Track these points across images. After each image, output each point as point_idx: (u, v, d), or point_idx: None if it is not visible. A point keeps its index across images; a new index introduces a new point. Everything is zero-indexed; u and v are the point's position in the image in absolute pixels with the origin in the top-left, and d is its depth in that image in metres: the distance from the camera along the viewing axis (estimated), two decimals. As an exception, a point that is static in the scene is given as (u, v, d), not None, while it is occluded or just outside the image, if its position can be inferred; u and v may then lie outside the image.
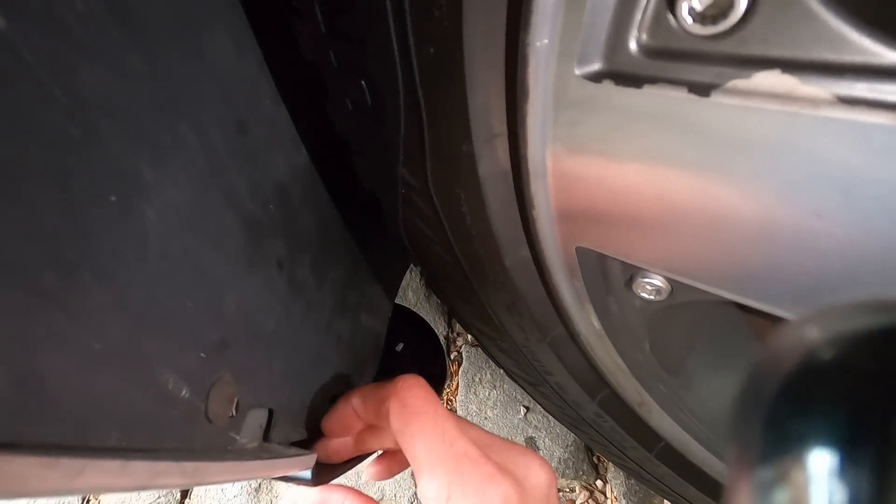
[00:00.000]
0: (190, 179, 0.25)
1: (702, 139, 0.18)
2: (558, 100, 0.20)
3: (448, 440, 0.26)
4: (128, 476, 0.16)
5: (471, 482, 0.25)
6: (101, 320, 0.19)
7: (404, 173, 0.28)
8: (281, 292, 0.34)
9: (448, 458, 0.25)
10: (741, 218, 0.21)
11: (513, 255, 0.31)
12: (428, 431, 0.26)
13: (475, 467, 0.25)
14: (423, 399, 0.28)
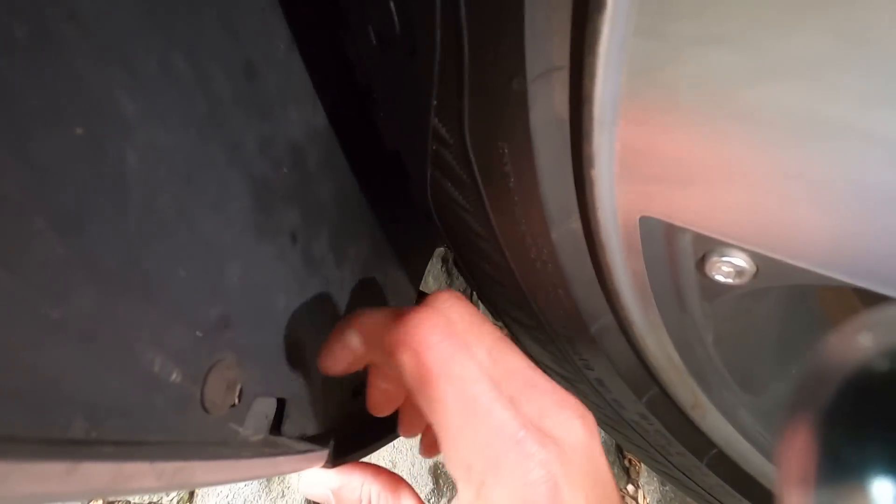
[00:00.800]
0: (184, 123, 0.21)
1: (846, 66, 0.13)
2: (648, 13, 0.15)
3: (478, 411, 0.21)
4: (78, 481, 0.13)
5: (508, 463, 0.20)
6: (61, 282, 0.15)
7: (437, 124, 0.23)
8: (294, 267, 0.31)
9: (479, 433, 0.21)
10: (881, 176, 0.16)
11: (561, 226, 0.26)
12: (450, 401, 0.21)
13: (515, 445, 0.21)
14: (444, 352, 0.22)
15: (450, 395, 0.21)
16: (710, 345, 0.31)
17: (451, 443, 0.21)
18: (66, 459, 0.13)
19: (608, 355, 0.35)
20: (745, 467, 0.41)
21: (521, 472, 0.20)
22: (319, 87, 0.29)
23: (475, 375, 0.22)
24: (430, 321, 0.23)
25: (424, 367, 0.22)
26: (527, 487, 0.20)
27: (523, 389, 0.23)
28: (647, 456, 0.50)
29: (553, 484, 0.20)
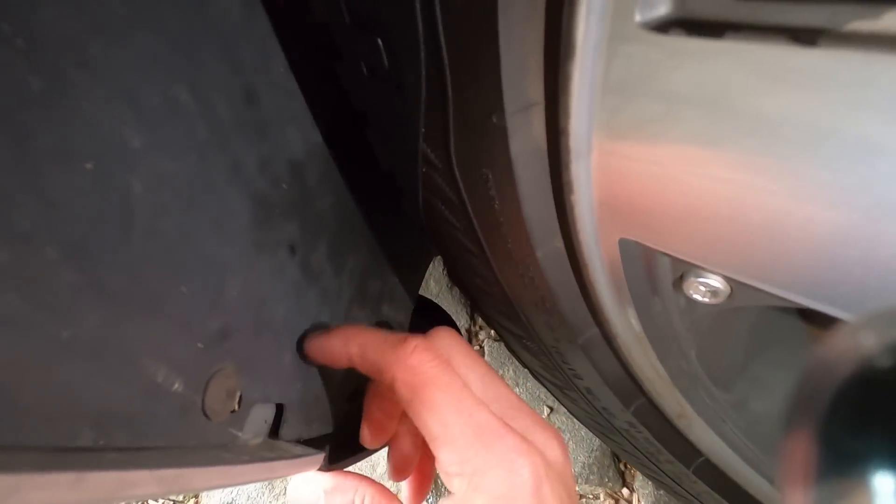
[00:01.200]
0: (186, 149, 0.22)
1: (801, 104, 0.14)
2: (612, 57, 0.16)
3: (466, 410, 0.24)
4: (84, 490, 0.14)
5: (496, 453, 0.23)
6: (69, 304, 0.16)
7: (425, 149, 0.24)
8: (293, 278, 0.32)
9: (468, 428, 0.23)
10: (849, 211, 0.17)
11: (545, 246, 0.27)
12: (441, 402, 0.24)
13: (499, 438, 0.23)
14: (435, 367, 0.25)
15: (440, 397, 0.24)
16: (693, 357, 0.32)
17: (444, 442, 0.24)
18: (73, 469, 0.14)
19: (595, 366, 0.36)
20: (731, 475, 0.42)
21: (508, 460, 0.23)
22: (317, 109, 0.31)
23: (462, 387, 0.25)
24: (423, 346, 0.26)
25: (418, 378, 0.24)
26: (513, 474, 0.22)
27: (509, 411, 0.26)
28: (639, 462, 0.51)
29: (537, 475, 0.23)
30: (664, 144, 0.18)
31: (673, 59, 0.15)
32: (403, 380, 0.25)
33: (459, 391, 0.24)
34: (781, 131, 0.15)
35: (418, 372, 0.25)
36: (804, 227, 0.19)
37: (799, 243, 0.18)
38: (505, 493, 0.22)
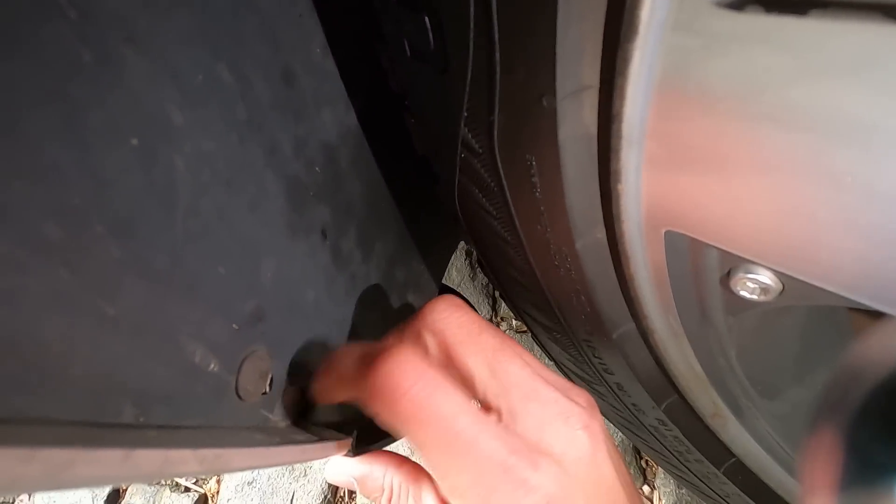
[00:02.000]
0: (227, 130, 0.22)
1: (893, 90, 0.13)
2: (678, 37, 0.15)
3: (463, 447, 0.20)
4: (132, 467, 0.14)
5: (501, 494, 0.20)
6: (116, 281, 0.16)
7: (466, 134, 0.24)
8: (324, 263, 0.32)
9: (468, 467, 0.20)
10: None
11: (586, 236, 0.26)
12: (432, 442, 0.21)
13: (504, 474, 0.20)
14: (416, 393, 0.21)
15: (431, 437, 0.21)
16: (732, 357, 0.31)
17: (443, 482, 0.22)
18: (122, 447, 0.14)
19: (628, 362, 0.35)
20: (763, 478, 0.41)
21: (514, 500, 0.20)
22: (353, 90, 0.30)
23: (456, 409, 0.21)
24: (399, 366, 0.22)
25: (400, 417, 0.21)
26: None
27: (523, 402, 0.22)
28: (664, 460, 0.50)
29: (546, 497, 0.20)
30: (728, 130, 0.17)
31: (748, 38, 0.14)
32: (383, 418, 0.22)
33: (453, 422, 0.20)
34: (866, 120, 0.14)
35: (399, 411, 0.21)
36: (882, 225, 0.17)
37: (872, 241, 0.17)
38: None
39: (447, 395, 0.21)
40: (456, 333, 0.24)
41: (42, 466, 0.11)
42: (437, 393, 0.21)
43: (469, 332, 0.24)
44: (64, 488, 0.12)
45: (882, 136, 0.15)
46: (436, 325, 0.24)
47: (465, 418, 0.21)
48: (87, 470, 0.12)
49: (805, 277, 0.21)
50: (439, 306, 0.25)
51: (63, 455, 0.12)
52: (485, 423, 0.21)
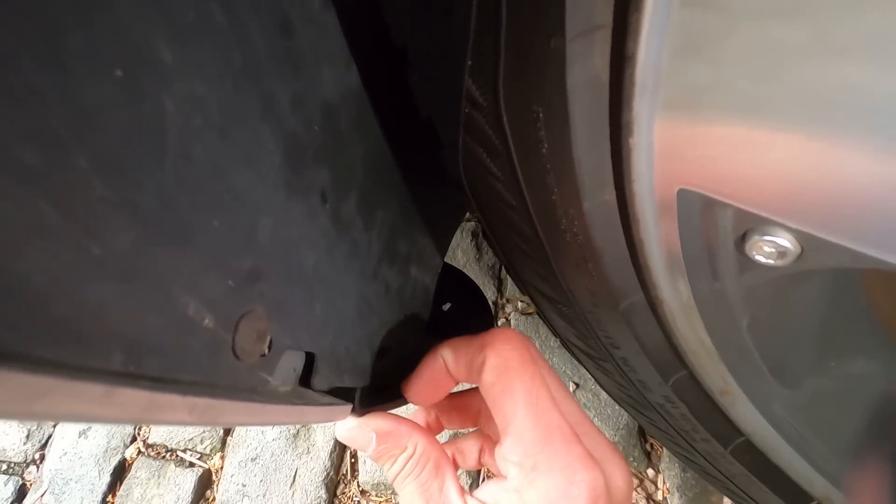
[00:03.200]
0: (221, 75, 0.21)
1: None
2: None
3: (542, 408, 0.24)
4: (113, 405, 0.13)
5: (560, 457, 0.23)
6: (101, 220, 0.16)
7: (470, 86, 0.23)
8: (323, 227, 0.31)
9: (539, 426, 0.23)
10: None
11: (594, 198, 0.25)
12: (522, 392, 0.24)
13: (566, 444, 0.23)
14: (523, 359, 0.26)
15: (520, 389, 0.24)
16: (744, 329, 0.30)
17: (513, 431, 0.24)
18: (104, 383, 0.13)
19: (636, 335, 0.34)
20: (772, 458, 0.40)
21: (570, 470, 0.22)
22: (354, 48, 0.29)
23: (543, 385, 0.25)
24: (514, 336, 0.27)
25: (506, 363, 0.25)
26: (571, 485, 0.22)
27: (580, 426, 0.26)
28: (669, 440, 0.49)
29: (594, 493, 0.22)
30: (751, 73, 0.16)
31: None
32: (492, 364, 0.25)
33: (540, 388, 0.24)
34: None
35: (509, 359, 0.25)
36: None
37: None
38: (557, 499, 0.22)
39: (538, 372, 0.26)
40: (538, 359, 0.28)
41: (12, 393, 0.10)
42: (533, 366, 0.26)
43: (545, 363, 0.28)
44: (38, 419, 0.11)
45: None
46: (502, 351, 0.28)
47: (548, 394, 0.25)
48: (64, 403, 0.12)
49: (829, 235, 0.20)
50: (514, 333, 0.29)
51: (37, 383, 0.11)
52: (562, 406, 0.25)
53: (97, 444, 0.93)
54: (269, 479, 0.83)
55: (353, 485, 0.82)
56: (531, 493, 0.22)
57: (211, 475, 0.87)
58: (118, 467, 0.91)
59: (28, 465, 0.96)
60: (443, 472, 0.26)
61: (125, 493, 0.88)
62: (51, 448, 0.96)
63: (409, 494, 0.26)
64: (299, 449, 0.85)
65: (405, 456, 0.27)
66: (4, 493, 0.93)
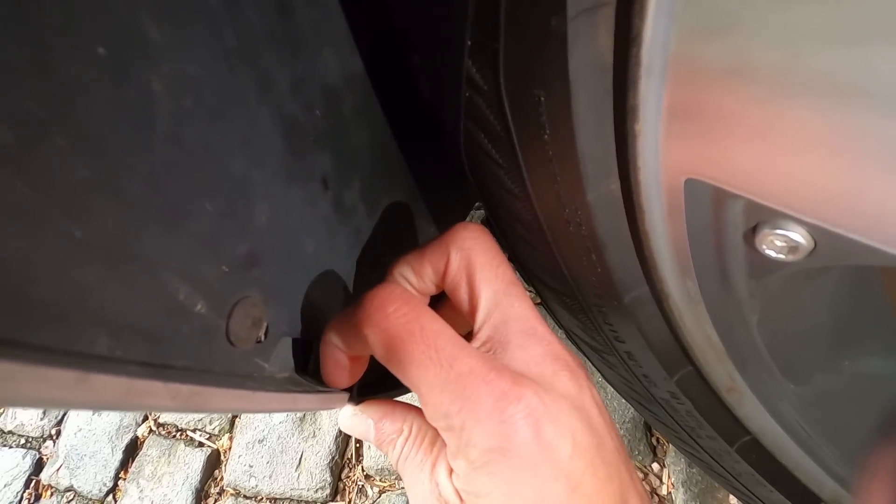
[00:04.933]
0: (214, 56, 0.21)
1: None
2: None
3: (445, 361, 0.21)
4: (87, 391, 0.13)
5: (483, 404, 0.20)
6: (84, 202, 0.15)
7: (470, 68, 0.22)
8: (324, 213, 0.30)
9: (450, 382, 0.21)
10: None
11: (598, 187, 0.24)
12: (417, 357, 0.21)
13: (485, 385, 0.21)
14: (403, 314, 0.22)
15: (416, 352, 0.22)
16: (753, 326, 0.29)
17: (427, 397, 0.22)
18: (76, 368, 0.13)
19: (641, 329, 0.33)
20: (779, 458, 0.39)
21: (497, 409, 0.20)
22: (357, 31, 0.28)
23: (438, 328, 0.22)
24: (384, 292, 0.23)
25: (387, 335, 0.22)
26: (504, 424, 0.20)
27: (520, 336, 0.23)
28: (674, 436, 0.49)
29: (533, 420, 0.20)
30: (766, 55, 0.15)
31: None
32: (374, 340, 0.23)
33: (435, 339, 0.22)
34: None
35: (385, 328, 0.22)
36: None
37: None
38: (498, 445, 0.20)
39: (431, 316, 0.23)
40: (480, 256, 0.25)
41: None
42: (423, 314, 0.23)
43: (492, 259, 0.25)
44: (6, 405, 0.11)
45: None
46: (465, 242, 0.25)
47: (448, 337, 0.22)
48: (33, 388, 0.12)
49: (844, 230, 0.19)
50: (471, 227, 0.26)
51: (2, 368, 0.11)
52: (466, 345, 0.22)
53: (110, 421, 0.96)
54: (276, 461, 0.84)
55: (357, 469, 0.83)
56: (471, 451, 0.21)
57: (219, 455, 0.89)
58: (130, 445, 0.93)
59: (45, 440, 0.99)
60: (436, 451, 0.25)
61: (136, 469, 0.90)
62: (66, 424, 0.98)
63: (408, 479, 0.25)
64: (305, 433, 0.86)
65: (402, 439, 0.26)
66: (23, 465, 0.96)
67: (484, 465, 0.20)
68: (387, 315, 0.22)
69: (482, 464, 0.20)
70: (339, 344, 0.26)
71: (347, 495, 0.81)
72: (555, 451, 0.20)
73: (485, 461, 0.20)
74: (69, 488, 0.92)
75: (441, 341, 0.22)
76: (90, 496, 0.91)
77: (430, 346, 0.21)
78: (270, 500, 0.84)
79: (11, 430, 1.01)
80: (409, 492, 0.25)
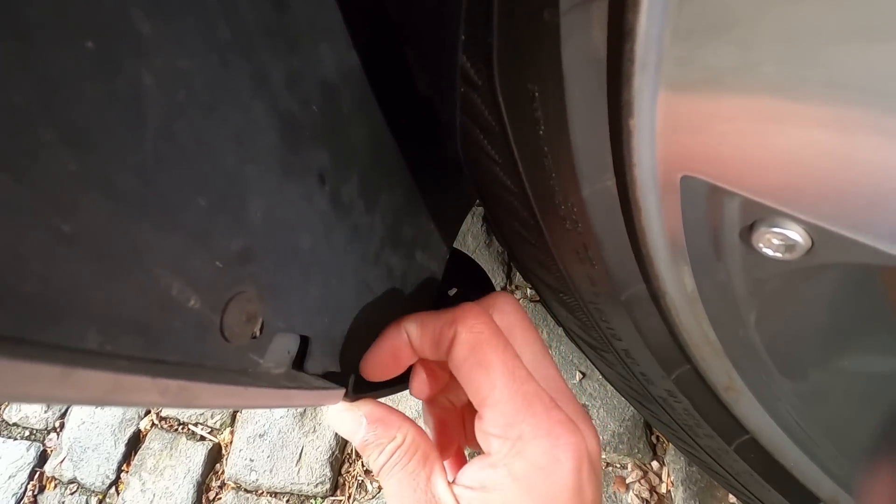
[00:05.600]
0: (207, 49, 0.21)
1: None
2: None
3: (519, 378, 0.24)
4: (72, 387, 0.13)
5: (544, 424, 0.23)
6: (72, 196, 0.15)
7: (464, 63, 0.22)
8: (321, 209, 0.30)
9: (518, 395, 0.23)
10: None
11: (594, 183, 0.24)
12: (498, 364, 0.24)
13: (548, 410, 0.23)
14: (494, 332, 0.25)
15: (497, 360, 0.24)
16: (751, 325, 0.29)
17: (494, 403, 0.23)
18: (60, 363, 0.13)
19: (637, 327, 0.33)
20: (777, 457, 0.39)
21: (554, 436, 0.22)
22: (353, 25, 0.28)
23: (516, 355, 0.25)
24: (482, 311, 0.26)
25: (479, 339, 0.25)
26: (557, 448, 0.22)
27: (556, 394, 0.25)
28: (673, 434, 0.48)
29: (579, 455, 0.22)
30: (762, 50, 0.15)
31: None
32: (462, 339, 0.25)
33: (514, 358, 0.24)
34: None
35: (477, 332, 0.25)
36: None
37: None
38: (546, 466, 0.22)
39: (512, 351, 0.26)
40: (519, 323, 0.28)
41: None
42: (504, 339, 0.26)
43: (528, 327, 0.28)
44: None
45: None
46: (506, 307, 0.29)
47: (522, 364, 0.25)
48: (14, 384, 0.11)
49: (842, 229, 0.19)
50: (508, 298, 0.29)
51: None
52: (535, 380, 0.25)
53: (113, 414, 0.96)
54: (276, 456, 0.85)
55: (357, 464, 0.83)
56: (519, 463, 0.22)
57: (221, 449, 0.90)
58: (133, 438, 0.94)
59: (49, 433, 1.00)
60: (431, 463, 0.25)
61: (139, 462, 0.91)
62: (70, 417, 0.99)
63: (395, 485, 0.25)
64: (306, 428, 0.86)
65: (393, 445, 0.26)
66: (27, 457, 0.97)
67: (525, 478, 0.22)
68: (484, 322, 0.25)
69: (524, 477, 0.22)
70: (414, 333, 0.28)
71: (347, 490, 0.81)
72: (584, 491, 0.23)
73: (528, 475, 0.22)
74: (72, 480, 0.93)
75: (518, 362, 0.24)
76: (93, 488, 0.92)
77: (510, 360, 0.24)
78: (271, 493, 0.84)
79: (16, 422, 1.02)
80: (393, 497, 0.26)
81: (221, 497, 0.85)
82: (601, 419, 0.74)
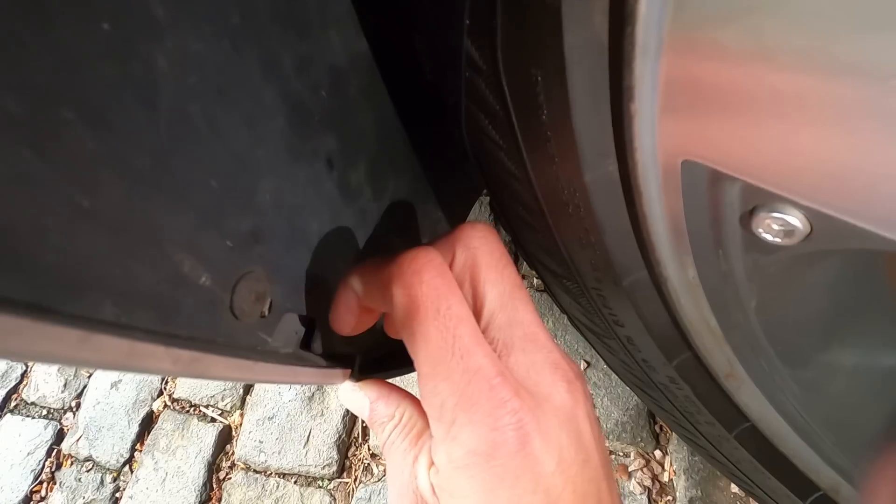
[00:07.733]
0: (218, 34, 0.21)
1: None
2: None
3: (458, 351, 0.21)
4: (90, 351, 0.14)
5: (481, 406, 0.20)
6: (91, 173, 0.16)
7: (469, 47, 0.22)
8: (329, 193, 0.31)
9: (455, 373, 0.20)
10: None
11: (596, 168, 0.24)
12: (433, 337, 0.21)
13: (489, 389, 0.20)
14: (435, 287, 0.21)
15: (433, 330, 0.21)
16: (751, 311, 0.29)
17: (428, 378, 0.21)
18: (80, 328, 0.14)
19: (639, 313, 0.33)
20: (778, 445, 0.39)
21: (492, 416, 0.20)
22: (362, 12, 0.29)
23: (463, 315, 0.21)
24: (426, 257, 0.22)
25: (413, 301, 0.21)
26: (495, 431, 0.20)
27: (523, 340, 0.23)
28: (674, 422, 0.49)
29: (523, 433, 0.20)
30: (763, 33, 0.15)
31: None
32: (399, 302, 0.22)
33: (456, 325, 0.21)
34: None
35: (414, 294, 0.21)
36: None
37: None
38: (485, 451, 0.20)
39: (459, 300, 0.22)
40: (486, 256, 0.24)
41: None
42: (453, 295, 0.22)
43: (498, 260, 0.24)
44: (11, 358, 0.12)
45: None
46: (471, 241, 0.25)
47: (467, 327, 0.21)
48: (38, 344, 0.12)
49: (841, 214, 0.19)
50: (478, 227, 0.25)
51: (8, 323, 0.12)
52: (482, 341, 0.22)
53: (127, 395, 0.99)
54: (285, 438, 0.87)
55: (363, 448, 0.85)
56: (455, 449, 0.20)
57: (231, 431, 0.92)
58: (146, 418, 0.96)
59: (65, 412, 1.03)
60: (423, 442, 0.25)
61: (152, 442, 0.94)
62: (86, 397, 1.02)
63: (389, 465, 0.25)
64: (314, 411, 0.88)
65: (392, 424, 0.26)
66: (45, 436, 1.00)
67: (465, 467, 0.20)
68: (421, 281, 0.21)
69: (464, 465, 0.20)
70: (359, 290, 0.25)
71: (353, 472, 0.83)
72: (538, 465, 0.20)
73: (466, 463, 0.20)
74: (88, 458, 0.96)
75: (461, 329, 0.21)
76: (108, 466, 0.95)
77: (449, 329, 0.21)
78: (279, 475, 0.86)
79: (34, 401, 1.05)
80: (389, 477, 0.25)
81: (231, 477, 0.88)
82: (605, 408, 0.75)
